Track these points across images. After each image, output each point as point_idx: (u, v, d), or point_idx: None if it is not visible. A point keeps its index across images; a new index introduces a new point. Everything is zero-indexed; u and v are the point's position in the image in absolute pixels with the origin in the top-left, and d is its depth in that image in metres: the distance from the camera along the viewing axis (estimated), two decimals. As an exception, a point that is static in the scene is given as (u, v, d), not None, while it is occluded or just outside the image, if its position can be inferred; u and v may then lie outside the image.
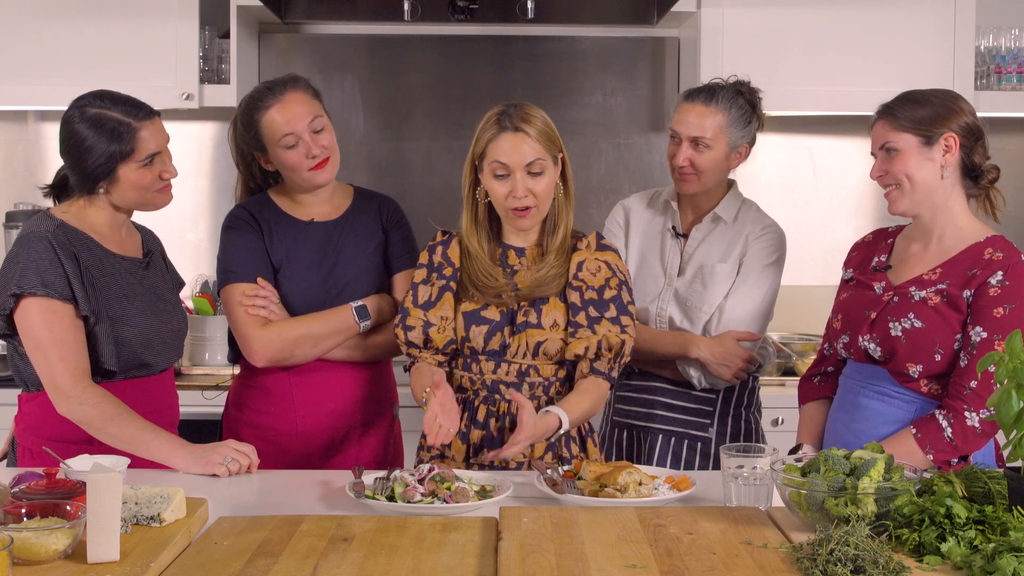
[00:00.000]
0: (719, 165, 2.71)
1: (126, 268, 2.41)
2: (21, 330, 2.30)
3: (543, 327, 2.38)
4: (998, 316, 2.20)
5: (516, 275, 2.43)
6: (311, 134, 2.53)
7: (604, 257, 2.46)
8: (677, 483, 2.15)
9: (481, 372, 2.41)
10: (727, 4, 3.65)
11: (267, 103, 2.54)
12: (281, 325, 2.54)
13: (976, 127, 2.32)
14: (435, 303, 2.42)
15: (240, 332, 2.55)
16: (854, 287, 2.45)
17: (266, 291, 2.55)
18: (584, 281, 2.41)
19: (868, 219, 4.04)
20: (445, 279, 2.44)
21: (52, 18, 3.60)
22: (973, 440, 2.21)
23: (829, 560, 1.62)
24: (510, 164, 2.35)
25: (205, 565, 1.68)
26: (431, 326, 2.40)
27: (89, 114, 2.32)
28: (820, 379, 2.53)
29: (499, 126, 2.37)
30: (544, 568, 1.64)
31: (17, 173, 4.00)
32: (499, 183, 2.37)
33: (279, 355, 2.53)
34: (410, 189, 3.99)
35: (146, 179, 2.36)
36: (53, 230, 2.31)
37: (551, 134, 2.39)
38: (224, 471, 2.26)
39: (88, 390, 2.27)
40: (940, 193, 2.31)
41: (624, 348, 2.39)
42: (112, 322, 2.34)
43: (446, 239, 2.49)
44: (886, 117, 2.32)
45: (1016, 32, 3.76)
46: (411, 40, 4.03)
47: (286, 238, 2.60)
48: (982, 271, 2.24)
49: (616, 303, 2.41)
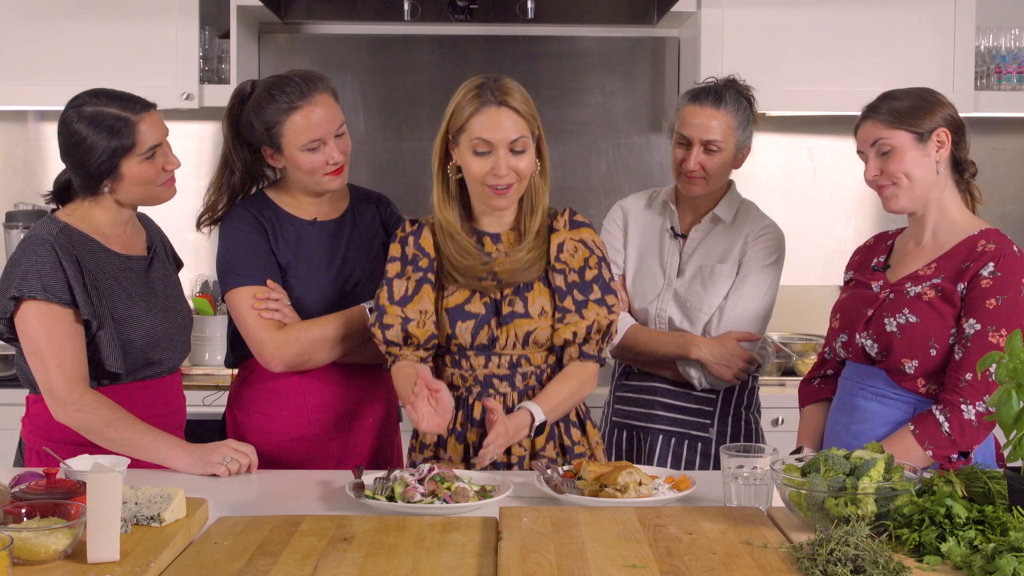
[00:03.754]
0: (727, 167, 2.71)
1: (131, 268, 2.41)
2: (20, 334, 2.29)
3: (531, 316, 2.33)
4: (991, 307, 2.21)
5: (495, 262, 2.33)
6: (334, 140, 2.48)
7: (579, 235, 2.39)
8: (677, 483, 2.15)
9: (472, 368, 2.36)
10: (727, 4, 3.65)
11: (295, 103, 2.43)
12: (298, 328, 2.46)
13: (959, 121, 2.33)
14: (412, 297, 2.33)
15: (254, 337, 2.46)
16: (853, 287, 2.45)
17: (277, 293, 2.49)
18: (566, 263, 2.35)
19: (868, 219, 4.05)
20: (422, 271, 2.35)
21: (52, 18, 3.61)
22: (971, 434, 2.21)
23: (829, 560, 1.62)
24: (494, 141, 2.24)
25: (205, 565, 1.68)
26: (409, 321, 2.31)
27: (87, 113, 2.32)
28: (820, 381, 2.54)
29: (480, 99, 2.26)
30: (544, 568, 1.64)
31: (17, 173, 4.00)
32: (478, 160, 2.26)
33: (297, 359, 2.46)
34: (410, 189, 3.99)
35: (149, 173, 2.36)
36: (56, 234, 2.30)
37: (532, 110, 2.30)
38: (224, 471, 2.26)
39: (84, 396, 2.26)
40: (936, 189, 2.32)
41: (612, 328, 2.35)
42: (117, 324, 2.33)
43: (416, 229, 2.39)
44: (875, 116, 2.33)
45: (1016, 32, 3.77)
46: (411, 40, 4.03)
47: (291, 238, 2.54)
48: (974, 263, 2.25)
49: (599, 283, 2.35)
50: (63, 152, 2.36)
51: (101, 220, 2.39)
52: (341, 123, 2.51)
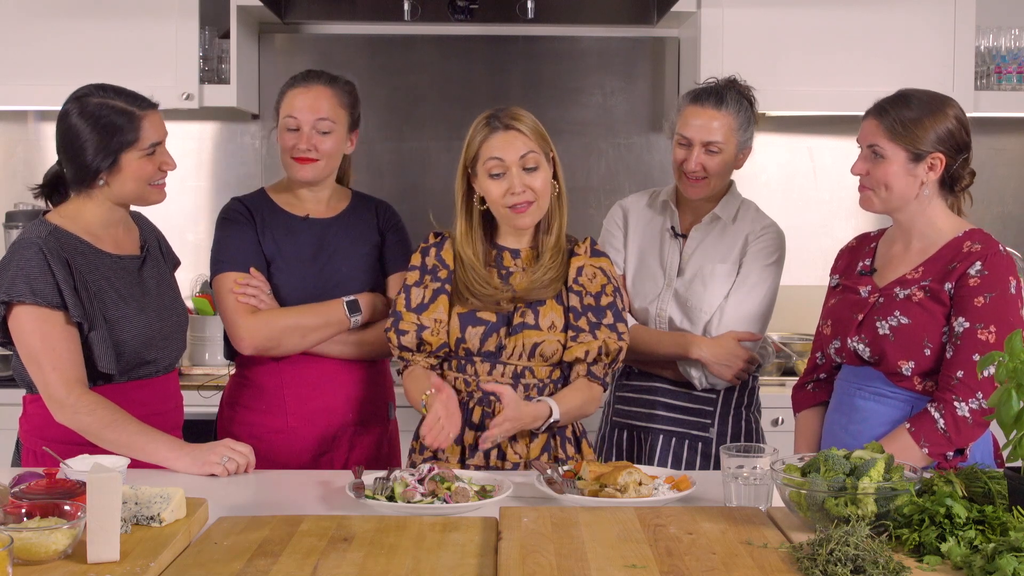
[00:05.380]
0: (728, 167, 2.71)
1: (122, 268, 2.40)
2: (15, 339, 2.29)
3: (540, 328, 2.38)
4: (979, 305, 2.22)
5: (511, 277, 2.42)
6: (313, 131, 2.55)
7: (599, 263, 2.48)
8: (677, 483, 2.15)
9: (476, 374, 2.40)
10: (727, 4, 3.65)
11: (297, 83, 2.60)
12: (270, 314, 2.54)
13: (963, 140, 2.32)
14: (428, 305, 2.41)
15: (228, 319, 2.56)
16: (841, 292, 2.46)
17: (257, 280, 2.56)
18: (584, 287, 2.43)
19: (868, 219, 4.04)
20: (440, 281, 2.43)
21: (52, 18, 3.60)
22: (966, 431, 2.22)
23: (829, 560, 1.62)
24: (505, 159, 2.36)
25: (205, 565, 1.68)
26: (424, 329, 2.39)
27: (92, 104, 2.32)
28: (814, 386, 2.54)
29: (489, 127, 2.39)
30: (544, 568, 1.64)
31: (17, 173, 3.99)
32: (495, 182, 2.37)
33: (266, 343, 2.53)
34: (410, 189, 3.99)
35: (147, 170, 2.36)
36: (45, 236, 2.29)
37: (542, 132, 2.42)
38: (222, 471, 2.26)
39: (82, 398, 2.26)
40: (916, 203, 2.33)
41: (620, 355, 2.43)
42: (109, 325, 2.33)
43: (439, 241, 2.49)
44: (880, 121, 2.33)
45: (1016, 32, 3.77)
46: (411, 40, 4.02)
47: (279, 232, 2.62)
48: (961, 263, 2.26)
49: (612, 310, 2.43)
50: (62, 143, 2.35)
51: (92, 219, 2.38)
52: (327, 120, 2.57)
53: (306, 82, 2.60)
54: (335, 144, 2.59)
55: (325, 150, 2.57)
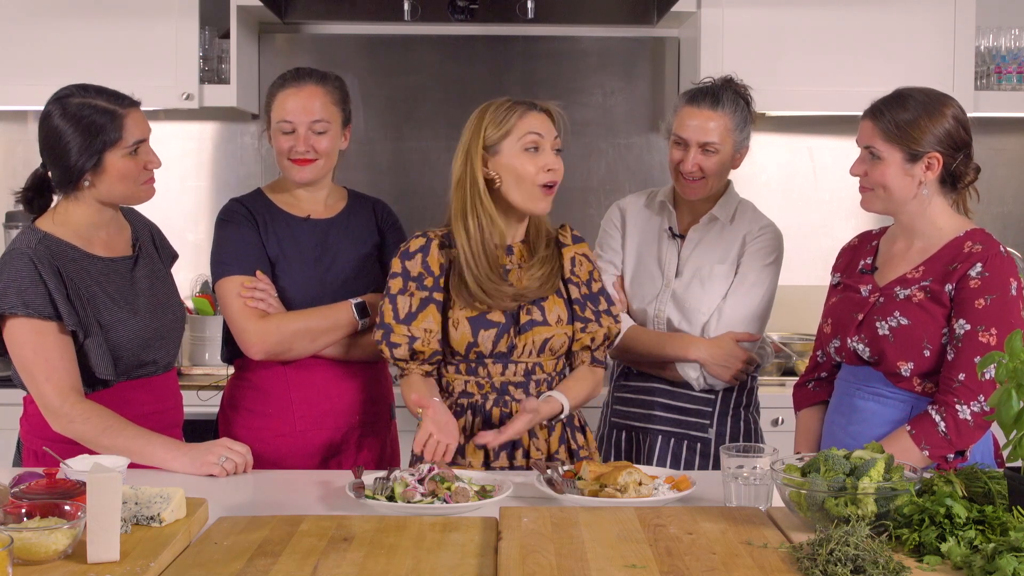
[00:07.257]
0: (725, 168, 2.71)
1: (114, 271, 2.39)
2: (9, 350, 2.29)
3: (549, 323, 2.40)
4: (980, 307, 2.22)
5: (509, 274, 2.41)
6: (309, 131, 2.54)
7: (581, 250, 2.52)
8: (677, 483, 2.15)
9: (489, 375, 2.40)
10: (727, 4, 3.65)
11: (287, 85, 2.58)
12: (280, 318, 2.52)
13: (962, 139, 2.31)
14: (416, 315, 2.37)
15: (237, 324, 2.53)
16: (842, 291, 2.46)
17: (264, 284, 2.54)
18: (579, 276, 2.47)
19: (868, 219, 4.04)
20: (427, 290, 2.38)
21: (52, 18, 3.60)
22: (967, 433, 2.22)
23: (829, 560, 1.62)
24: (544, 133, 2.37)
25: (205, 565, 1.68)
26: (415, 340, 2.36)
27: (73, 104, 2.30)
28: (814, 384, 2.54)
29: (524, 106, 2.39)
30: (544, 568, 1.64)
31: (17, 173, 3.98)
32: (531, 157, 2.37)
33: (277, 348, 2.52)
34: (410, 189, 3.99)
35: (132, 168, 2.34)
36: (35, 246, 2.28)
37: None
38: (220, 471, 2.26)
39: (77, 407, 2.25)
40: (916, 202, 2.33)
41: (617, 336, 2.51)
42: (104, 331, 2.32)
43: (424, 245, 2.41)
44: (876, 122, 2.32)
45: (1016, 32, 3.77)
46: (411, 40, 4.03)
47: (281, 233, 2.60)
48: (962, 264, 2.26)
49: (603, 295, 2.49)
50: (45, 145, 2.34)
51: (81, 222, 2.36)
52: (322, 120, 2.56)
53: (297, 82, 2.58)
54: (331, 142, 2.59)
55: (322, 149, 2.57)
